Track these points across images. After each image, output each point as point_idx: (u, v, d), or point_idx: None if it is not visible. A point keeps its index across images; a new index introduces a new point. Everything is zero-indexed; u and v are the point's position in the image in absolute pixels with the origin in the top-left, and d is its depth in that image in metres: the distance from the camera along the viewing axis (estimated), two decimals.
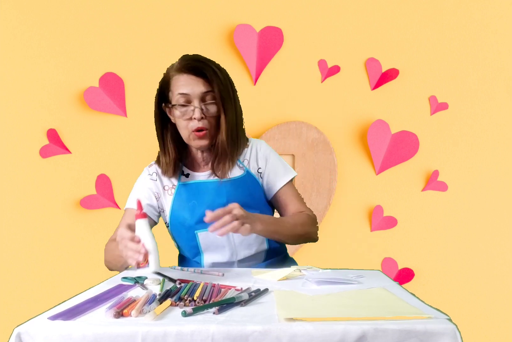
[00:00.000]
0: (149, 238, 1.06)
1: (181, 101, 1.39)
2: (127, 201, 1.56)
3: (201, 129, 1.39)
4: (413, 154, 2.46)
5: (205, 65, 1.40)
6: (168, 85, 1.43)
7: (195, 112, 1.38)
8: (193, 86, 1.38)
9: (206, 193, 1.45)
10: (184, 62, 1.40)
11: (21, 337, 0.83)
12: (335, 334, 0.82)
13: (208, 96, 1.39)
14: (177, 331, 0.82)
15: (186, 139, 1.44)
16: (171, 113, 1.45)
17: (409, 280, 2.47)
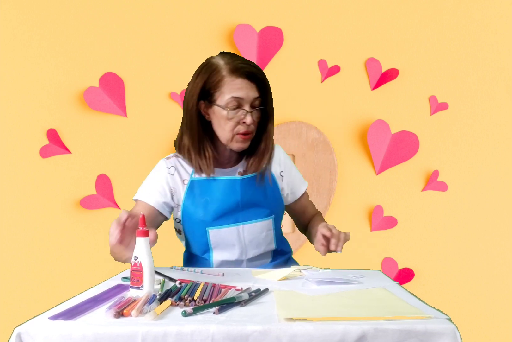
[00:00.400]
0: (147, 258, 1.05)
1: (233, 105, 1.39)
2: (139, 191, 1.50)
3: (249, 133, 1.42)
4: (413, 154, 2.46)
5: (258, 70, 1.42)
6: (218, 85, 1.40)
7: (247, 117, 1.39)
8: (248, 91, 1.39)
9: (220, 190, 1.45)
10: (238, 65, 1.39)
11: (21, 337, 0.83)
12: (335, 334, 0.82)
13: (256, 102, 1.41)
14: (177, 331, 0.82)
15: (226, 140, 1.43)
16: (210, 111, 1.44)
17: (409, 280, 2.47)
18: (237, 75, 1.38)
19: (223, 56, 1.44)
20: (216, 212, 1.43)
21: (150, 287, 1.05)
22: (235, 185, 1.46)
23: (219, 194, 1.45)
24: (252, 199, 1.47)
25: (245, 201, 1.45)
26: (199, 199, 1.45)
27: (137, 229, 1.07)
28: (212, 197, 1.45)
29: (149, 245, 1.08)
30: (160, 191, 1.46)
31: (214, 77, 1.40)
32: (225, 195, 1.45)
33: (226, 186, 1.46)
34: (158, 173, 1.50)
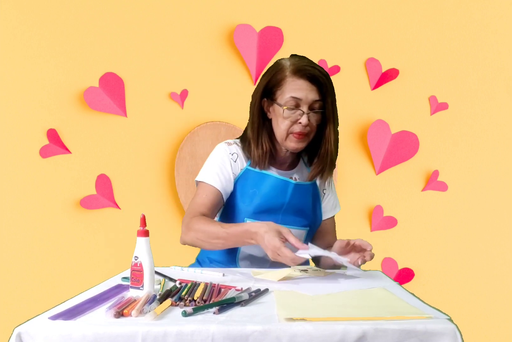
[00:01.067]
0: (147, 258, 1.05)
1: (290, 104, 1.42)
2: (203, 173, 1.50)
3: (303, 133, 1.44)
4: (413, 154, 2.46)
5: (321, 74, 1.43)
6: (280, 84, 1.43)
7: (303, 118, 1.41)
8: (307, 93, 1.41)
9: (271, 186, 1.48)
10: (301, 67, 1.42)
11: (21, 337, 0.83)
12: (335, 334, 0.82)
13: (316, 105, 1.43)
14: (177, 331, 0.82)
15: (281, 139, 1.47)
16: (271, 109, 1.47)
17: (409, 280, 2.47)
18: (299, 76, 1.41)
19: (292, 58, 1.47)
20: (259, 206, 1.46)
21: (150, 287, 1.05)
22: (287, 186, 1.49)
23: (269, 190, 1.48)
24: (298, 206, 1.49)
25: (291, 206, 1.48)
26: (248, 188, 1.48)
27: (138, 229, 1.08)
28: (261, 191, 1.47)
29: None
30: (225, 175, 1.48)
31: (278, 76, 1.44)
32: (274, 193, 1.47)
33: (278, 185, 1.49)
34: (223, 157, 1.51)
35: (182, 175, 2.40)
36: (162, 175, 2.44)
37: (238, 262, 1.51)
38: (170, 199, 2.44)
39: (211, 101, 2.45)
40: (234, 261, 1.51)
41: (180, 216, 2.43)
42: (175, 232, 2.43)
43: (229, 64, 2.46)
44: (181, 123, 2.44)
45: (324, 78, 1.43)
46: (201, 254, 1.62)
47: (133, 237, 1.08)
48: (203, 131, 2.41)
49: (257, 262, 1.49)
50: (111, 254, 2.41)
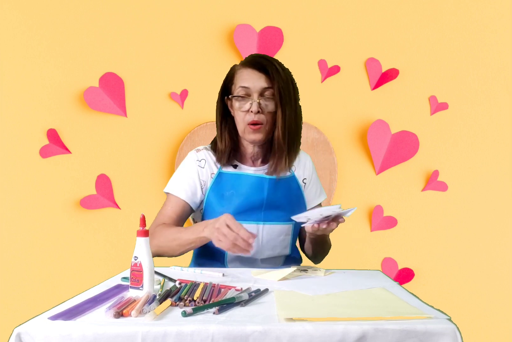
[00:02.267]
0: (147, 258, 1.05)
1: (240, 94, 1.44)
2: (170, 184, 1.52)
3: (256, 123, 1.44)
4: (413, 154, 2.46)
5: (269, 62, 1.45)
6: (232, 78, 1.48)
7: (253, 106, 1.42)
8: (254, 81, 1.43)
9: (247, 185, 1.47)
10: (250, 58, 1.48)
11: (21, 337, 0.83)
12: (335, 334, 0.82)
13: (267, 92, 1.44)
14: (177, 331, 0.82)
15: (241, 133, 1.47)
16: (232, 106, 1.49)
17: (409, 280, 2.47)
18: (246, 66, 1.46)
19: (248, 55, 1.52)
20: (239, 206, 1.45)
21: (150, 287, 1.04)
22: (263, 183, 1.48)
23: (245, 189, 1.47)
24: (277, 200, 1.48)
25: (270, 201, 1.47)
26: (224, 191, 1.47)
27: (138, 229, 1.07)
28: (238, 191, 1.47)
29: None
30: (190, 185, 1.49)
31: (231, 71, 1.50)
32: (251, 191, 1.47)
33: (253, 183, 1.48)
34: (189, 166, 1.52)
35: None
36: (162, 175, 2.44)
37: (227, 264, 1.50)
38: None
39: (211, 101, 2.43)
40: (223, 265, 1.50)
41: None
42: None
43: (229, 64, 2.44)
44: (181, 123, 2.44)
45: (272, 66, 1.43)
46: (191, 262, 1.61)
47: (133, 237, 1.08)
48: (203, 131, 2.41)
49: (247, 263, 1.48)
50: (111, 254, 2.41)
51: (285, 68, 1.49)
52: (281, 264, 1.55)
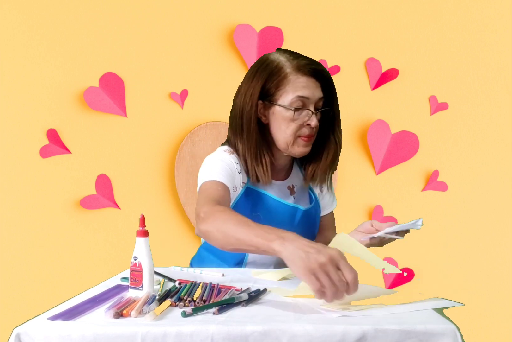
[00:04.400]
0: (147, 258, 1.05)
1: (297, 105, 1.28)
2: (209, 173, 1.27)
3: (312, 135, 1.32)
4: (413, 154, 2.46)
5: (323, 69, 1.32)
6: (281, 83, 1.29)
7: (312, 119, 1.29)
8: (314, 90, 1.29)
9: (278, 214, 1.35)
10: (303, 62, 1.29)
11: (20, 337, 0.83)
12: (335, 334, 0.82)
13: (320, 103, 1.32)
14: (177, 331, 0.82)
15: (286, 144, 1.32)
16: (268, 112, 1.33)
17: (409, 280, 2.47)
18: (303, 73, 1.28)
19: (283, 52, 1.33)
20: None
21: (150, 287, 1.04)
22: (296, 214, 1.39)
23: (275, 217, 1.34)
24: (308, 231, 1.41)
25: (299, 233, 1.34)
26: (250, 211, 1.33)
27: (137, 229, 1.07)
28: (266, 216, 1.33)
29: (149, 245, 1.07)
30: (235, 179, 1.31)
31: (277, 75, 1.29)
32: (282, 222, 1.33)
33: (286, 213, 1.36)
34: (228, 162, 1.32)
35: (182, 175, 2.40)
36: (162, 175, 2.44)
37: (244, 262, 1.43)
38: (170, 199, 2.44)
39: (211, 101, 2.45)
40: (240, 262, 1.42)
41: (180, 216, 2.43)
42: (175, 232, 2.43)
43: (229, 64, 2.46)
44: (181, 123, 2.44)
45: (326, 73, 1.32)
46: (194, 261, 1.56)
47: (133, 237, 1.08)
48: (203, 131, 2.41)
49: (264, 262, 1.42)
50: (111, 254, 2.41)
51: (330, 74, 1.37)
52: None
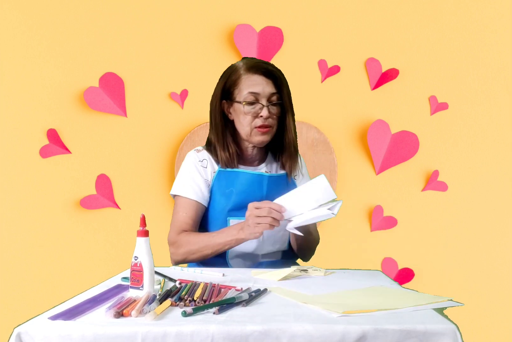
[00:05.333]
0: (147, 258, 1.05)
1: (250, 99, 1.48)
2: (177, 187, 1.55)
3: (266, 126, 1.49)
4: (413, 154, 2.46)
5: (274, 68, 1.52)
6: (236, 83, 1.50)
7: (263, 111, 1.47)
8: (264, 87, 1.48)
9: (246, 183, 1.52)
10: (254, 64, 1.50)
11: (21, 337, 0.83)
12: (335, 334, 0.82)
13: (274, 97, 1.50)
14: (177, 331, 0.82)
15: (246, 135, 1.51)
16: (231, 109, 1.53)
17: (409, 280, 2.47)
18: (253, 72, 1.49)
19: (244, 59, 1.56)
20: (239, 203, 1.49)
21: (150, 287, 1.05)
22: (262, 180, 1.54)
23: (245, 186, 1.52)
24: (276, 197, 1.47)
25: (270, 198, 1.45)
26: (224, 189, 1.52)
27: (138, 229, 1.08)
28: (238, 188, 1.51)
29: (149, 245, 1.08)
30: (198, 183, 1.52)
31: (233, 76, 1.51)
32: (250, 188, 1.52)
33: (253, 180, 1.53)
34: (192, 166, 1.55)
35: None
36: (162, 175, 2.44)
37: (229, 262, 1.52)
38: (170, 199, 2.44)
39: None
40: (225, 262, 1.51)
41: None
42: None
43: (229, 64, 2.45)
44: (181, 123, 2.44)
45: (277, 72, 1.51)
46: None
47: (133, 237, 1.08)
48: (203, 131, 2.41)
49: (248, 258, 1.51)
50: (111, 254, 2.41)
51: (283, 74, 1.55)
52: (280, 258, 1.58)
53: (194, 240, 1.44)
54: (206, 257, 1.44)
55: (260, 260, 1.53)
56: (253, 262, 1.53)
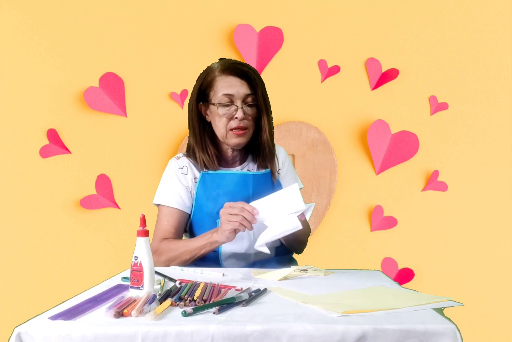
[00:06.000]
0: (147, 258, 1.05)
1: (224, 101, 1.46)
2: (158, 196, 1.56)
3: (241, 128, 1.47)
4: (413, 154, 2.46)
5: (249, 69, 1.50)
6: (211, 85, 1.49)
7: (238, 112, 1.46)
8: (238, 88, 1.46)
9: (232, 184, 1.52)
10: (229, 65, 1.49)
11: (21, 337, 0.83)
12: (335, 334, 0.82)
13: (249, 99, 1.48)
14: (177, 331, 0.82)
15: (222, 137, 1.50)
16: (208, 111, 1.52)
17: (409, 280, 2.47)
18: (228, 73, 1.47)
19: (220, 60, 1.55)
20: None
21: (150, 287, 1.05)
22: (247, 179, 1.53)
23: (231, 187, 1.51)
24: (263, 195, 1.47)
25: (256, 197, 1.46)
26: (210, 191, 1.51)
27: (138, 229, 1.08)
28: (224, 190, 1.51)
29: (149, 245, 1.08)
30: (179, 191, 1.53)
31: (208, 78, 1.50)
32: (236, 188, 1.51)
33: (238, 180, 1.52)
34: (172, 174, 1.56)
35: None
36: (162, 175, 2.44)
37: (222, 263, 1.52)
38: None
39: None
40: (218, 264, 1.51)
41: None
42: None
43: None
44: (181, 123, 2.44)
45: (252, 73, 1.49)
46: None
47: (133, 237, 1.08)
48: None
49: (242, 258, 1.51)
50: (111, 254, 2.41)
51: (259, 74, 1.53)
52: (274, 255, 1.57)
53: (174, 246, 1.45)
54: (186, 263, 1.44)
55: (253, 259, 1.53)
56: (247, 262, 1.52)
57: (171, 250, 1.45)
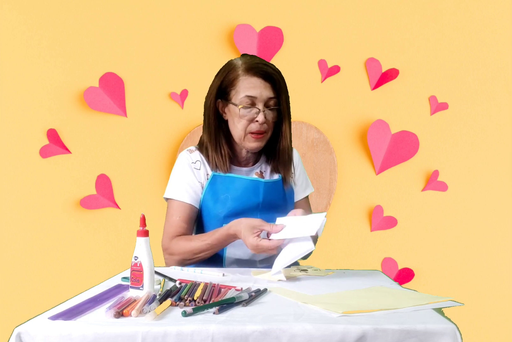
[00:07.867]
0: (147, 258, 1.05)
1: (245, 103, 1.41)
2: (170, 189, 1.50)
3: (261, 132, 1.43)
4: (413, 154, 2.46)
5: (274, 71, 1.44)
6: (233, 84, 1.43)
7: (259, 116, 1.41)
8: (261, 90, 1.41)
9: (242, 189, 1.47)
10: (254, 65, 1.42)
11: (21, 337, 0.83)
12: (335, 334, 0.82)
13: (271, 102, 1.43)
14: (177, 331, 0.82)
15: (239, 139, 1.46)
16: (226, 109, 1.47)
17: (409, 280, 2.47)
18: (252, 74, 1.41)
19: (243, 57, 1.47)
20: (235, 210, 1.45)
21: (150, 287, 1.05)
22: (258, 186, 1.48)
23: (240, 193, 1.47)
24: (273, 202, 1.48)
25: (266, 204, 1.47)
26: (219, 194, 1.47)
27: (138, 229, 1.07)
28: (233, 195, 1.46)
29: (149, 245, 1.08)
30: (191, 186, 1.48)
31: (231, 76, 1.43)
32: (246, 195, 1.47)
33: (249, 186, 1.48)
34: (185, 168, 1.50)
35: None
36: (162, 175, 2.44)
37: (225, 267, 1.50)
38: None
39: None
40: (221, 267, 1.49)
41: None
42: None
43: None
44: (181, 123, 2.44)
45: (277, 75, 1.43)
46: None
47: (133, 237, 1.08)
48: None
49: (245, 265, 1.49)
50: (111, 254, 2.41)
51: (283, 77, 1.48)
52: None
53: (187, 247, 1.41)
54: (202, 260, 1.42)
55: (258, 266, 1.50)
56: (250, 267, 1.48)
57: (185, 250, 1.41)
